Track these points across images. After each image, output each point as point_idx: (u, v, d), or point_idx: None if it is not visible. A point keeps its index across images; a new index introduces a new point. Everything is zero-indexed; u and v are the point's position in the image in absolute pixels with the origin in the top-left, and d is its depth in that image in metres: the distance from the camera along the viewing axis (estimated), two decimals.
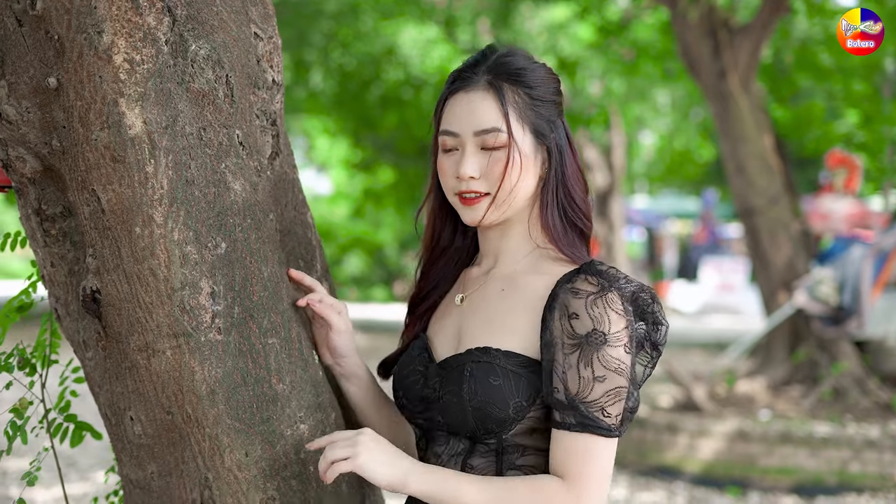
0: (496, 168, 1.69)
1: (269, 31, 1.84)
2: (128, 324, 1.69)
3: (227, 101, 1.72)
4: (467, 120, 1.71)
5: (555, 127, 1.73)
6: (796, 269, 8.81)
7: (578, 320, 1.58)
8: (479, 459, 1.66)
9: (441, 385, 1.68)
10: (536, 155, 1.72)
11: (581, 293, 1.60)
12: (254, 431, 1.73)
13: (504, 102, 1.69)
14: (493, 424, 1.61)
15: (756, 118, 9.03)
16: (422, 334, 1.84)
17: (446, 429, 1.69)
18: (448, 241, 1.88)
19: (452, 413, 1.65)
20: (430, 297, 1.87)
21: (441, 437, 1.71)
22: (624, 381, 1.57)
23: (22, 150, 1.70)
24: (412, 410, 1.76)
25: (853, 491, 6.80)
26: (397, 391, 1.79)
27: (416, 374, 1.76)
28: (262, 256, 1.75)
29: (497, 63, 1.72)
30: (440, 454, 1.71)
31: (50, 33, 1.61)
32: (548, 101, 1.73)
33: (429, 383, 1.72)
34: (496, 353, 1.64)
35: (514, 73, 1.71)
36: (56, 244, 1.80)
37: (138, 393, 1.74)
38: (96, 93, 1.60)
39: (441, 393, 1.68)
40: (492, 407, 1.61)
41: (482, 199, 1.71)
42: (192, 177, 1.66)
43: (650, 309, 1.62)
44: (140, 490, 1.84)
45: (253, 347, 1.73)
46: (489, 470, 1.65)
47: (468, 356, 1.66)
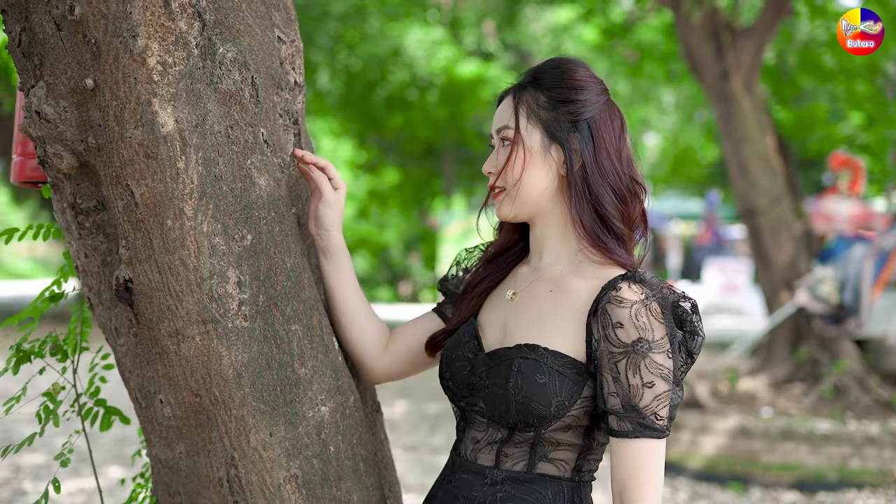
0: (502, 160, 1.82)
1: (292, 34, 1.94)
2: (159, 311, 1.79)
3: (253, 101, 1.82)
4: (495, 121, 1.86)
5: (577, 129, 1.79)
6: (798, 268, 8.90)
7: (623, 329, 1.66)
8: (513, 448, 1.76)
9: (488, 375, 1.76)
10: (547, 152, 1.80)
11: (625, 303, 1.67)
12: (278, 413, 1.82)
13: (518, 102, 1.81)
14: (534, 419, 1.70)
15: (759, 119, 9.10)
16: (472, 319, 1.91)
17: (487, 416, 1.78)
18: (512, 239, 1.99)
19: (496, 403, 1.73)
20: (482, 284, 1.96)
21: (481, 423, 1.80)
22: (669, 385, 1.66)
23: (59, 147, 1.80)
24: (456, 393, 1.85)
25: (853, 487, 6.87)
26: (444, 373, 1.87)
27: (464, 359, 1.83)
28: (285, 248, 1.85)
29: (534, 71, 1.85)
30: (479, 439, 1.80)
31: (87, 37, 1.70)
32: (574, 102, 1.80)
33: (476, 371, 1.80)
34: (544, 351, 1.72)
35: (539, 77, 1.83)
36: (90, 236, 1.89)
37: (168, 377, 1.84)
38: (131, 93, 1.70)
39: (487, 383, 1.76)
40: (535, 403, 1.69)
41: (501, 193, 1.84)
42: (220, 172, 1.76)
43: (689, 319, 1.70)
44: (169, 469, 1.94)
45: (277, 334, 1.83)
46: (522, 459, 1.75)
47: (517, 351, 1.74)
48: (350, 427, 1.94)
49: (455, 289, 2.04)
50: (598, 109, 1.81)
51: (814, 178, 25.33)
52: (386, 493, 2.06)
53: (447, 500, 1.82)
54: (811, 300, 8.16)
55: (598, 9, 14.37)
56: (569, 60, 1.86)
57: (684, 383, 6.10)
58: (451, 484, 1.83)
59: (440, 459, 7.55)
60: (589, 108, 1.80)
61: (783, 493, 6.83)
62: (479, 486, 1.77)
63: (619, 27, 14.48)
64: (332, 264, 2.00)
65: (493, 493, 1.75)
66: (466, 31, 18.41)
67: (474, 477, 1.79)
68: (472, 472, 1.80)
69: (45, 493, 2.13)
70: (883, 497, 6.62)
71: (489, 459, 1.78)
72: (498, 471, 1.76)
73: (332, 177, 1.96)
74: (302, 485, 1.85)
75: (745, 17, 13.95)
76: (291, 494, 1.84)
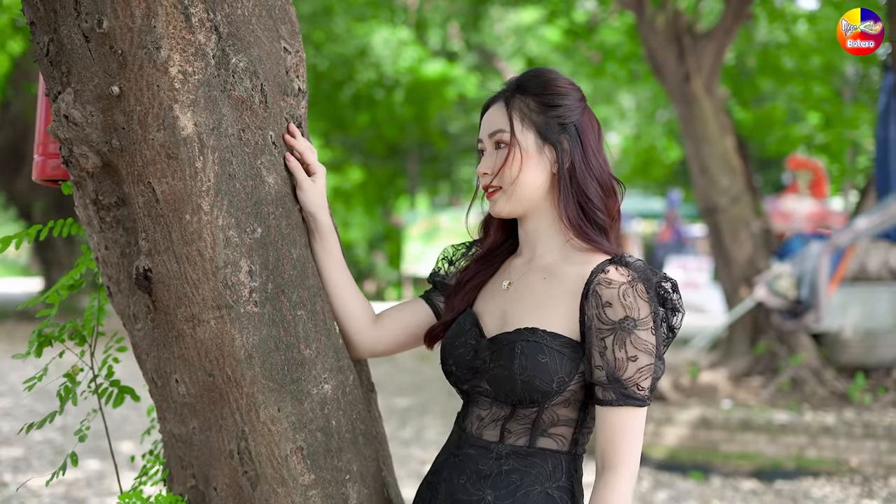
0: (499, 161, 2.00)
1: (296, 45, 2.12)
2: (176, 298, 1.97)
3: (262, 106, 2.00)
4: (486, 126, 2.05)
5: (566, 130, 1.99)
6: (757, 265, 9.14)
7: (611, 308, 1.85)
8: (516, 425, 1.95)
9: (492, 358, 1.94)
10: (541, 153, 1.99)
11: (613, 284, 1.87)
12: (285, 390, 2.00)
13: (510, 107, 2.00)
14: (538, 395, 1.89)
15: (719, 120, 9.34)
16: (470, 310, 2.10)
17: (491, 396, 1.96)
18: (501, 238, 2.18)
19: (501, 383, 1.91)
20: (476, 278, 2.15)
21: (485, 402, 1.99)
22: (652, 359, 1.85)
23: (85, 148, 1.96)
24: (460, 377, 2.03)
25: (810, 475, 7.11)
26: (447, 359, 2.05)
27: (466, 346, 2.01)
28: (291, 240, 2.04)
29: (520, 78, 2.04)
30: (483, 417, 1.99)
31: (114, 48, 1.87)
32: (559, 107, 2.00)
33: (479, 356, 1.98)
34: (543, 333, 1.91)
35: (523, 85, 2.02)
36: (110, 230, 2.06)
37: (183, 358, 2.02)
38: (154, 99, 1.87)
39: (491, 365, 1.94)
40: (538, 381, 1.88)
41: (497, 192, 2.02)
42: (234, 171, 1.93)
43: (670, 297, 1.90)
44: (182, 443, 2.12)
45: (284, 318, 2.01)
46: (524, 434, 1.94)
47: (518, 335, 1.92)
48: (350, 403, 2.12)
49: (443, 280, 2.23)
50: (581, 113, 2.02)
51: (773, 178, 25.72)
52: (380, 465, 2.24)
53: (454, 473, 2.00)
54: (769, 295, 8.40)
55: (561, 10, 14.56)
56: (549, 70, 2.05)
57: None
58: (457, 458, 2.01)
59: (410, 451, 7.73)
60: (574, 111, 2.01)
61: (742, 482, 7.05)
62: (485, 459, 1.96)
63: (581, 28, 14.68)
64: (321, 244, 2.15)
65: (498, 467, 1.95)
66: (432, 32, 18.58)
67: (480, 452, 1.98)
68: (478, 448, 1.99)
69: (63, 465, 2.30)
70: (838, 485, 6.85)
71: (494, 435, 1.97)
72: (502, 445, 1.96)
73: (309, 163, 2.11)
74: (307, 455, 2.03)
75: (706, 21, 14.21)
76: (297, 464, 2.02)
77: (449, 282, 2.22)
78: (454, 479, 1.99)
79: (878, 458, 7.19)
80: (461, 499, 1.95)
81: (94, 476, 6.77)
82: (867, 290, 8.95)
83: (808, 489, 6.79)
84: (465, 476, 1.97)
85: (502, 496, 1.92)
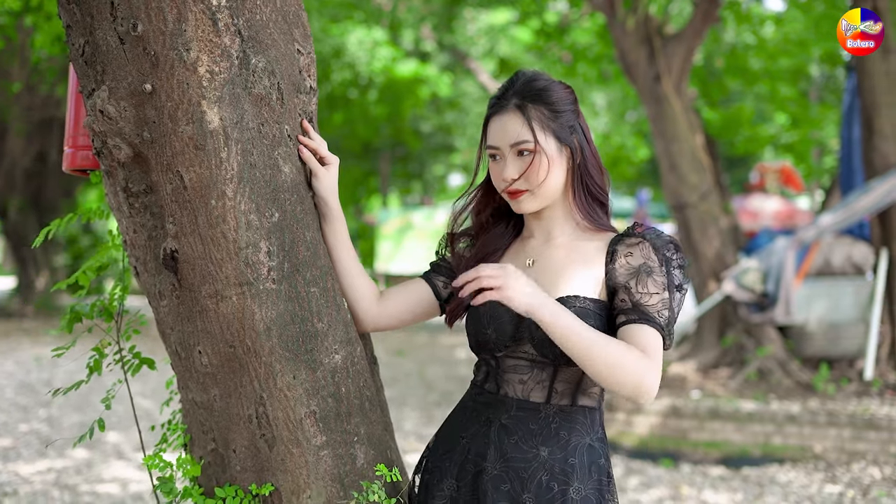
0: (530, 171, 2.21)
1: (308, 47, 2.33)
2: (200, 276, 2.17)
3: (279, 102, 2.21)
4: (503, 136, 2.25)
5: (574, 130, 2.25)
6: (725, 259, 9.41)
7: (632, 257, 2.15)
8: (562, 384, 2.19)
9: (538, 325, 2.12)
10: (561, 154, 2.24)
11: (632, 243, 2.17)
12: (300, 360, 2.21)
13: (529, 119, 2.21)
14: None
15: (688, 119, 9.59)
16: None
17: (534, 359, 2.19)
18: (492, 221, 2.42)
19: (551, 345, 2.12)
20: (487, 259, 2.37)
21: (523, 367, 2.22)
22: (667, 295, 2.12)
23: (118, 140, 2.16)
24: (498, 344, 2.23)
25: (776, 462, 7.36)
26: (484, 330, 2.25)
27: (507, 316, 2.22)
28: (305, 224, 2.25)
29: (522, 87, 2.25)
30: (525, 381, 2.22)
31: (147, 49, 2.07)
32: (566, 111, 2.24)
33: (522, 323, 2.20)
34: (584, 298, 2.16)
35: (536, 94, 2.23)
36: (138, 215, 2.26)
37: (206, 331, 2.22)
38: (184, 96, 2.07)
39: (539, 331, 2.14)
40: None
41: (523, 193, 2.24)
42: (254, 161, 2.14)
43: (675, 255, 2.18)
44: (204, 410, 2.32)
45: (299, 294, 2.22)
46: (567, 394, 2.19)
47: (564, 302, 2.15)
48: (357, 372, 2.34)
49: (445, 263, 2.45)
50: (578, 112, 2.27)
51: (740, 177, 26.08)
52: (384, 429, 2.46)
53: (503, 434, 2.21)
54: (737, 289, 8.65)
55: (533, 12, 14.76)
56: (543, 76, 2.28)
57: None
58: (507, 419, 2.22)
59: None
60: (575, 113, 2.26)
61: (711, 468, 7.28)
62: (535, 419, 2.20)
63: (553, 29, 14.88)
64: (330, 228, 2.36)
65: (547, 425, 2.19)
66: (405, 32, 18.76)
67: (529, 413, 2.21)
68: (526, 409, 2.21)
69: (90, 430, 2.49)
70: (803, 471, 7.09)
71: (541, 397, 2.20)
72: (550, 405, 2.20)
73: (323, 155, 2.32)
74: (319, 419, 2.24)
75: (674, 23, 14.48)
76: (311, 427, 2.23)
77: (447, 265, 2.44)
78: (504, 441, 2.21)
79: (841, 445, 7.46)
80: (515, 457, 2.18)
81: (83, 464, 6.94)
82: (831, 284, 9.23)
83: (774, 475, 7.02)
84: (517, 436, 2.20)
85: (554, 451, 2.17)
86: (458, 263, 2.41)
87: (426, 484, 2.35)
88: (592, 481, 2.18)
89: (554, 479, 2.16)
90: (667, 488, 6.65)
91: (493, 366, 2.29)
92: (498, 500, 2.18)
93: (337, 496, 2.26)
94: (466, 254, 2.41)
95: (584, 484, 2.16)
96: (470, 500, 2.23)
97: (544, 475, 2.16)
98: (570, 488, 2.15)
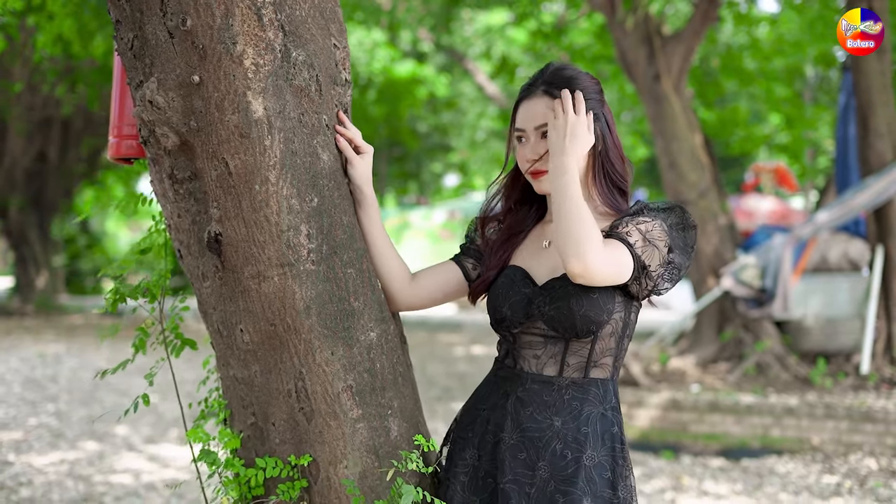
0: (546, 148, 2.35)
1: (343, 42, 2.45)
2: (243, 258, 2.29)
3: (317, 94, 2.33)
4: (530, 119, 2.39)
5: (598, 118, 2.38)
6: (724, 256, 9.54)
7: (630, 215, 2.30)
8: (574, 358, 2.33)
9: (549, 301, 2.30)
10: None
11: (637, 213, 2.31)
12: (337, 336, 2.34)
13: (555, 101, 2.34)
14: (593, 326, 2.26)
15: (687, 118, 9.73)
16: (512, 266, 2.46)
17: (546, 335, 2.33)
18: (518, 206, 2.55)
19: (561, 320, 2.28)
20: (509, 241, 2.51)
21: (538, 343, 2.35)
22: (640, 239, 2.25)
23: (166, 129, 2.29)
24: (514, 321, 2.37)
25: (774, 453, 7.48)
26: (500, 307, 2.39)
27: (520, 294, 2.37)
28: (342, 209, 2.38)
29: (551, 75, 2.39)
30: (539, 356, 2.35)
31: (196, 43, 2.20)
32: (591, 99, 2.36)
33: (534, 301, 2.34)
34: None
35: (563, 81, 2.36)
36: (183, 200, 2.38)
37: (248, 310, 2.34)
38: (230, 87, 2.20)
39: (548, 308, 2.30)
40: (594, 313, 2.26)
41: (544, 173, 2.37)
42: (296, 149, 2.27)
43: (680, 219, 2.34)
44: (244, 385, 2.45)
45: (336, 275, 2.34)
46: (579, 368, 2.32)
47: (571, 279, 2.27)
48: (391, 349, 2.47)
49: (474, 246, 2.59)
50: (603, 103, 2.39)
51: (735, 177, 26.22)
52: (415, 404, 2.59)
53: (519, 406, 2.35)
54: (735, 285, 8.78)
55: (530, 13, 14.86)
56: (572, 66, 2.41)
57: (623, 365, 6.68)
58: (522, 392, 2.36)
59: None
60: (599, 102, 2.39)
61: (711, 460, 7.39)
62: (548, 391, 2.33)
63: (550, 29, 14.98)
64: (365, 213, 2.50)
65: (560, 396, 2.32)
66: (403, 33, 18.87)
67: (543, 386, 2.34)
68: (540, 382, 2.35)
69: (134, 404, 2.61)
70: (801, 462, 7.21)
71: (554, 370, 2.34)
72: (562, 378, 2.33)
73: (358, 144, 2.47)
74: (355, 393, 2.37)
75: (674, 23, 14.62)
76: (347, 401, 2.36)
77: (476, 248, 2.57)
78: (520, 412, 2.34)
79: (838, 437, 7.60)
80: (531, 427, 2.32)
81: (95, 455, 7.05)
82: (828, 279, 9.38)
83: (772, 466, 7.14)
84: (532, 407, 2.33)
85: (567, 420, 2.30)
86: (486, 246, 2.54)
87: (451, 454, 2.49)
88: (606, 448, 2.31)
89: (567, 447, 2.29)
90: (668, 479, 6.77)
91: (511, 342, 2.42)
92: (515, 467, 2.31)
93: (372, 466, 2.39)
94: (493, 237, 2.55)
95: (597, 451, 2.29)
96: (490, 468, 2.37)
97: (558, 444, 2.30)
98: (584, 455, 2.28)
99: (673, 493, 6.39)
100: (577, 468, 2.28)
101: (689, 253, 2.35)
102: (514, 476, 2.31)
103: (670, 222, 2.32)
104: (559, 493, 2.27)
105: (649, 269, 2.26)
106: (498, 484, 2.33)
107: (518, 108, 2.44)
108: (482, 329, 18.73)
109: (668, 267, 2.30)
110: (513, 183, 2.56)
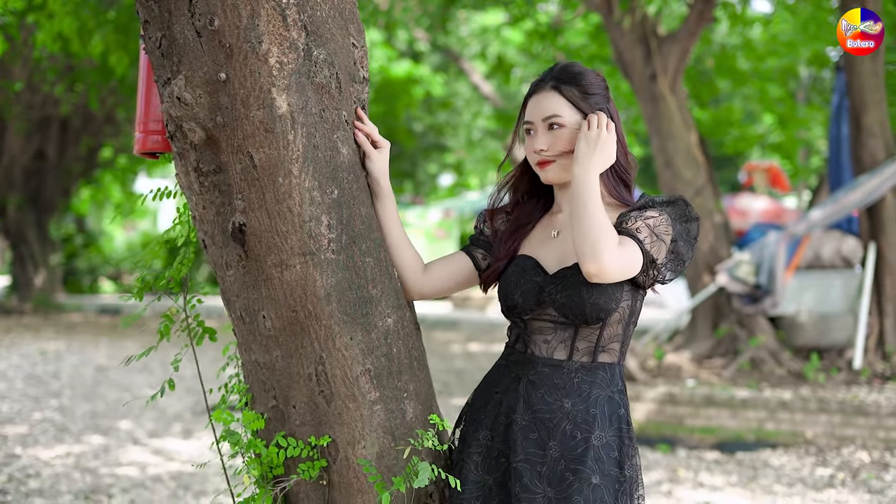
0: (557, 141, 2.47)
1: (361, 41, 2.56)
2: (266, 247, 2.40)
3: (337, 90, 2.45)
4: (537, 111, 2.51)
5: (604, 113, 2.48)
6: (719, 253, 9.67)
7: (638, 209, 2.40)
8: (582, 343, 2.44)
9: (560, 289, 2.41)
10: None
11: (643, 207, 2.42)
12: (356, 322, 2.45)
13: (562, 95, 2.47)
14: (602, 313, 2.37)
15: (683, 117, 9.84)
16: (522, 255, 2.57)
17: (556, 321, 2.44)
18: (526, 198, 2.67)
19: (571, 308, 2.39)
20: (518, 232, 2.62)
21: (548, 329, 2.47)
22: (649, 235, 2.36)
23: (193, 124, 2.39)
24: (525, 308, 2.48)
25: (768, 447, 7.62)
26: (512, 295, 2.50)
27: (531, 282, 2.48)
28: (360, 200, 2.49)
29: (559, 71, 2.51)
30: (549, 341, 2.47)
31: (223, 42, 2.31)
32: (596, 94, 2.49)
33: (545, 289, 2.45)
34: None
35: (570, 77, 2.49)
36: (207, 192, 2.48)
37: (271, 298, 2.45)
38: (255, 84, 2.31)
39: (559, 296, 2.41)
40: (603, 300, 2.36)
41: (550, 163, 2.50)
42: (317, 143, 2.38)
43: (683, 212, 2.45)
44: (266, 370, 2.56)
45: (355, 264, 2.45)
46: (588, 352, 2.43)
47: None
48: (407, 335, 2.58)
49: (483, 237, 2.69)
50: (609, 99, 2.51)
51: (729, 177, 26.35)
52: (430, 388, 2.70)
53: (530, 389, 2.46)
54: (730, 281, 8.90)
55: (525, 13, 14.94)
56: (580, 64, 2.53)
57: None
58: (533, 375, 2.47)
59: None
60: (606, 98, 2.50)
61: (706, 453, 7.51)
62: (558, 375, 2.44)
63: (546, 30, 15.06)
64: (382, 204, 2.61)
65: (570, 379, 2.43)
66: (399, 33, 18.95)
67: (553, 369, 2.45)
68: (551, 366, 2.46)
69: (161, 389, 2.72)
70: (794, 455, 7.35)
71: (563, 354, 2.45)
72: (572, 362, 2.44)
73: (375, 139, 2.58)
74: (373, 376, 2.48)
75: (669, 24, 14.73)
76: (366, 384, 2.47)
77: (485, 238, 2.68)
78: (531, 394, 2.46)
79: (832, 430, 7.73)
80: (541, 408, 2.43)
81: (100, 449, 7.16)
82: (821, 276, 9.51)
83: (767, 459, 7.26)
84: (542, 390, 2.45)
85: (577, 402, 2.42)
86: (495, 237, 2.65)
87: (464, 435, 2.60)
88: (613, 429, 2.42)
89: (577, 427, 2.40)
90: (665, 472, 6.88)
91: (522, 328, 2.53)
92: (527, 447, 2.43)
93: (388, 447, 2.50)
94: (502, 227, 2.66)
95: (604, 432, 2.41)
96: (503, 448, 2.48)
97: (568, 424, 2.41)
98: (592, 436, 2.40)
99: (669, 485, 6.50)
100: (587, 448, 2.39)
101: (692, 244, 2.47)
102: (526, 455, 2.42)
103: (675, 215, 2.43)
104: (569, 471, 2.38)
105: (657, 262, 2.38)
106: (510, 463, 2.44)
107: (527, 103, 2.56)
108: (477, 327, 18.85)
109: (672, 257, 2.42)
110: (521, 176, 2.68)
